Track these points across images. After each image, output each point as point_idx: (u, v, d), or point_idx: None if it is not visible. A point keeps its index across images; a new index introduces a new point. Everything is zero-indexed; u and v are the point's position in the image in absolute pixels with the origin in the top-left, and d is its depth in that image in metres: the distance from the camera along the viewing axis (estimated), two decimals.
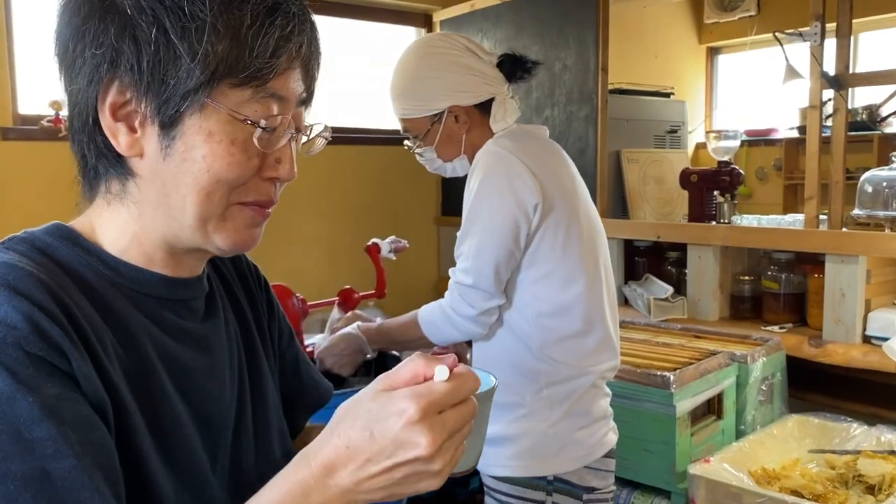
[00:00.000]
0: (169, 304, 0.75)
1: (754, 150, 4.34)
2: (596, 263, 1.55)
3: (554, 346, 1.49)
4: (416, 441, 0.60)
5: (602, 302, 1.55)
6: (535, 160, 1.50)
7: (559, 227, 1.49)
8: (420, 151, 1.62)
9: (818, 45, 2.18)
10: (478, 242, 1.47)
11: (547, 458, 1.49)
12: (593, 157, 2.85)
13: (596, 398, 1.55)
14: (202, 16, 0.65)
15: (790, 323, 2.43)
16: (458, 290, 1.50)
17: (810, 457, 2.02)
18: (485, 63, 1.57)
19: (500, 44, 3.19)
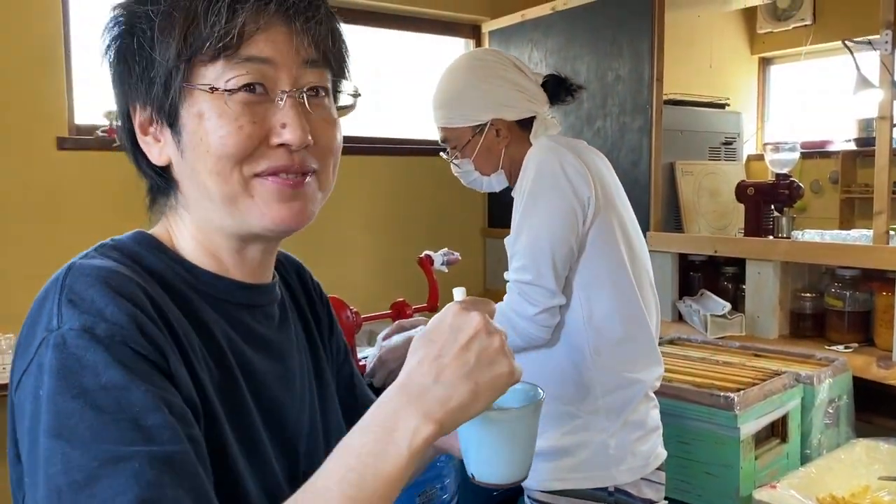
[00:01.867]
0: (247, 308, 0.77)
1: (809, 162, 4.21)
2: (640, 270, 1.53)
3: (607, 352, 1.48)
4: (469, 319, 0.64)
5: (648, 309, 1.54)
6: (585, 156, 1.51)
7: (609, 228, 1.48)
8: (458, 163, 1.62)
9: (889, 54, 2.10)
10: (535, 236, 1.45)
11: (609, 468, 1.47)
12: (647, 168, 2.79)
13: (649, 409, 1.55)
14: (158, 9, 0.68)
15: (855, 343, 2.33)
16: (518, 289, 1.47)
17: (881, 484, 1.93)
18: (530, 81, 1.58)
19: (550, 54, 3.15)
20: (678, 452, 1.90)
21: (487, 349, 0.63)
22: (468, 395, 0.62)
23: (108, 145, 2.66)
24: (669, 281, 2.73)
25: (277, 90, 0.70)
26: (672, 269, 2.74)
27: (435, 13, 3.62)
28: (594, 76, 2.96)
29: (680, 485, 1.91)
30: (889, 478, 1.94)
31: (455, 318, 0.64)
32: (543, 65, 3.18)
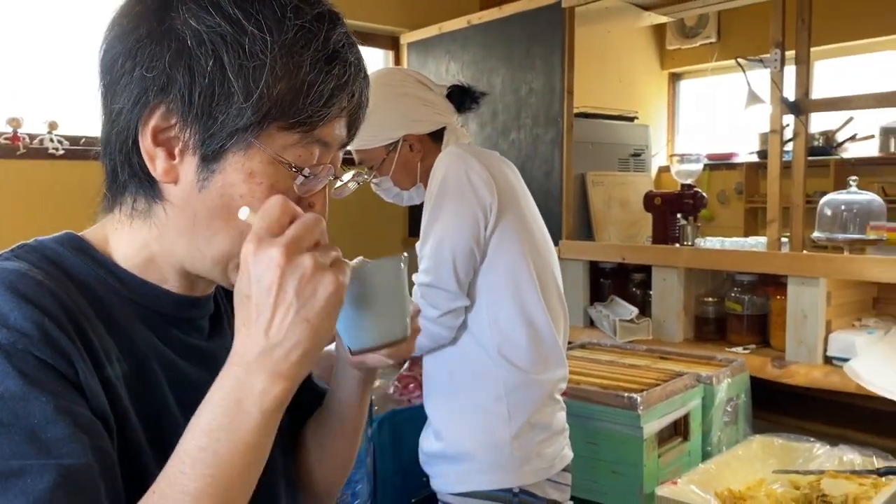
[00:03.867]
0: (175, 321, 0.75)
1: (716, 173, 4.41)
2: (546, 274, 1.59)
3: (511, 354, 1.53)
4: (266, 259, 0.59)
5: (555, 313, 1.60)
6: (490, 164, 1.56)
7: (513, 234, 1.54)
8: (377, 182, 1.66)
9: (778, 72, 2.23)
10: (438, 241, 1.50)
11: (513, 469, 1.52)
12: (559, 179, 2.87)
13: (555, 411, 1.59)
14: (262, 56, 0.64)
15: (753, 344, 2.45)
16: (421, 292, 1.52)
17: (775, 477, 2.03)
18: (435, 94, 1.64)
19: (467, 66, 3.21)
20: (586, 453, 1.96)
21: (301, 279, 0.59)
22: (307, 337, 0.60)
23: (12, 153, 2.56)
24: (581, 287, 2.82)
25: (324, 173, 0.70)
26: (583, 276, 2.82)
27: (354, 24, 3.61)
28: (509, 89, 3.03)
29: (588, 484, 1.97)
30: (782, 471, 2.05)
31: (254, 267, 0.59)
32: (461, 76, 3.23)
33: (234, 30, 0.64)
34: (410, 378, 2.20)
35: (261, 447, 0.61)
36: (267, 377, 0.60)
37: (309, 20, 0.66)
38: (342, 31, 0.69)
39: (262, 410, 0.60)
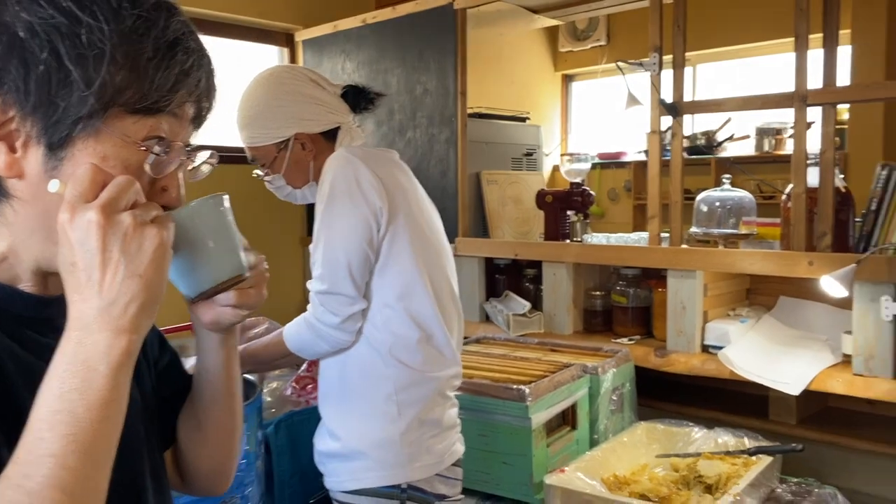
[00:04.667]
0: (30, 322, 0.73)
1: (606, 172, 4.59)
2: (440, 274, 1.62)
3: (402, 353, 1.55)
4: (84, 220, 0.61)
5: (447, 312, 1.63)
6: (379, 167, 1.57)
7: (405, 236, 1.55)
8: (269, 179, 1.65)
9: (657, 75, 2.34)
10: (330, 246, 1.50)
11: (402, 466, 1.54)
12: (454, 178, 2.91)
13: (445, 408, 1.62)
14: (101, 45, 0.65)
15: (638, 335, 2.57)
16: (319, 299, 1.52)
17: (657, 461, 2.14)
18: (329, 94, 1.64)
19: (362, 66, 3.21)
20: (478, 445, 2.00)
21: (125, 236, 0.61)
22: (140, 290, 0.62)
23: None
24: (477, 283, 2.87)
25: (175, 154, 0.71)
26: (479, 272, 2.88)
27: (249, 20, 3.57)
28: (404, 89, 3.05)
29: (481, 476, 2.01)
30: (664, 455, 2.16)
31: (73, 233, 0.61)
32: (356, 76, 3.23)
33: (68, 20, 0.64)
34: (308, 379, 2.19)
35: (116, 401, 0.62)
36: (110, 334, 0.61)
37: (146, 9, 0.67)
38: (181, 20, 0.70)
39: (111, 366, 0.61)
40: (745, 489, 1.84)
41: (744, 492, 1.83)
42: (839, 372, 2.08)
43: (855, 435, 2.20)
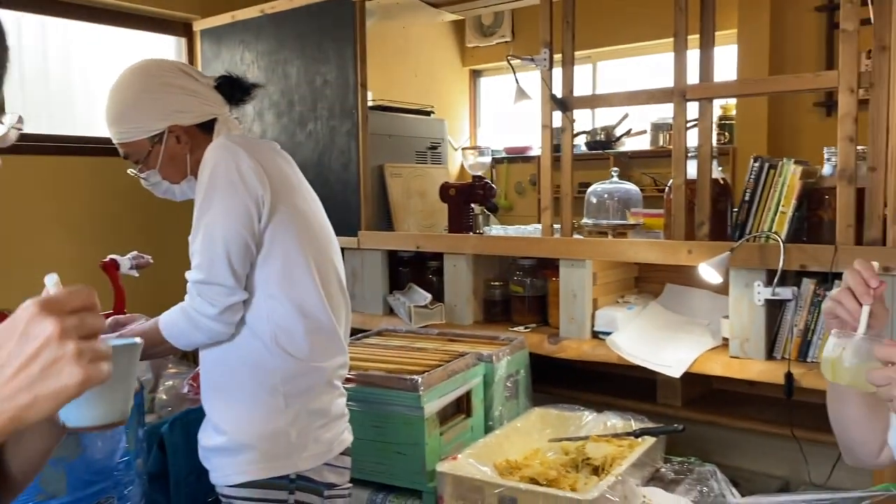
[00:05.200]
0: None
1: (513, 166, 4.68)
2: (326, 264, 1.62)
3: (288, 343, 1.54)
4: (41, 326, 0.62)
5: (334, 301, 1.63)
6: (261, 156, 1.55)
7: (288, 225, 1.55)
8: (144, 176, 1.61)
9: (547, 70, 2.40)
10: (209, 235, 1.48)
11: (290, 456, 1.53)
12: (356, 171, 2.91)
13: (333, 397, 1.63)
14: None
15: (534, 323, 2.63)
16: (196, 289, 1.50)
17: (549, 445, 2.20)
18: (202, 85, 1.61)
19: (261, 56, 3.16)
20: (372, 436, 2.01)
21: (57, 361, 0.62)
22: (24, 407, 0.63)
23: None
24: (380, 276, 2.88)
25: None
26: (382, 265, 2.89)
27: (145, 9, 3.47)
28: (304, 80, 3.02)
29: (375, 466, 2.03)
30: (556, 439, 2.23)
31: (27, 325, 0.62)
32: (255, 67, 3.18)
33: None
34: None
35: None
36: None
37: None
38: None
39: None
40: (628, 469, 1.91)
41: (627, 472, 1.90)
42: (718, 355, 2.19)
43: (735, 415, 2.32)
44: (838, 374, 0.95)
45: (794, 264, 1.99)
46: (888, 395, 0.86)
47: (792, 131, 3.70)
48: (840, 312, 1.00)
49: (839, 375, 0.95)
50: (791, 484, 2.28)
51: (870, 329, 0.98)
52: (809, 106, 3.60)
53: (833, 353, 0.96)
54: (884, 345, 0.88)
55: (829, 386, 1.14)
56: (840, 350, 0.95)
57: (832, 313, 1.01)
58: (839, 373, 0.95)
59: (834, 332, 0.98)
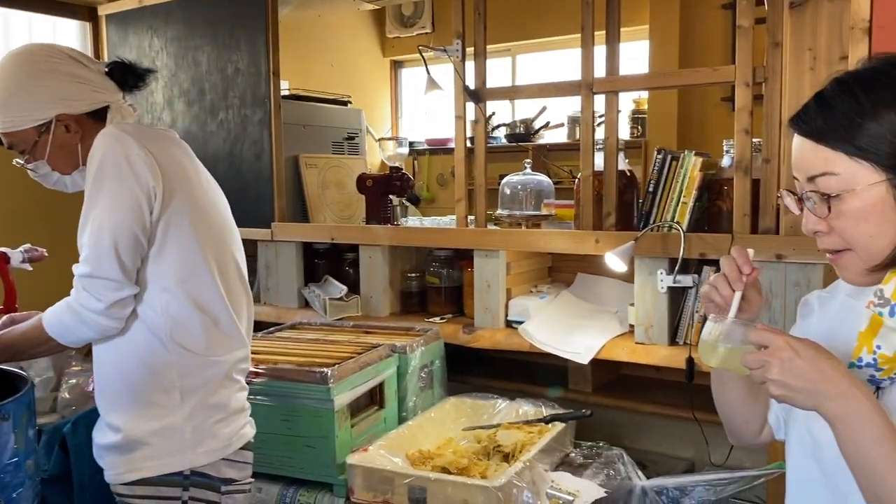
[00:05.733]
0: None
1: (435, 158, 4.68)
2: (226, 256, 1.59)
3: (184, 338, 1.50)
4: None
5: (233, 294, 1.60)
6: (154, 146, 1.50)
7: (184, 216, 1.51)
8: (32, 167, 1.54)
9: (460, 61, 2.41)
10: (97, 227, 1.43)
11: (184, 452, 1.50)
12: (269, 161, 2.85)
13: (232, 391, 1.59)
14: None
15: (450, 314, 2.65)
16: (82, 283, 1.44)
17: (463, 434, 2.22)
18: (92, 71, 1.55)
19: (170, 43, 3.06)
20: (282, 430, 1.99)
21: None
22: None
23: None
24: (295, 269, 2.84)
25: None
26: (297, 257, 2.85)
27: None
28: (215, 68, 2.94)
29: (285, 460, 2.00)
30: (469, 428, 2.25)
31: None
32: (164, 53, 3.08)
33: None
34: None
35: None
36: None
37: None
38: None
39: None
40: (536, 455, 1.95)
41: (536, 457, 1.94)
42: (624, 341, 2.25)
43: (642, 399, 2.38)
44: (713, 357, 0.99)
45: (694, 252, 2.06)
46: (761, 378, 0.89)
47: (700, 125, 3.83)
48: (715, 297, 1.03)
49: (713, 358, 0.99)
50: (696, 465, 2.37)
51: (742, 314, 1.02)
52: (717, 101, 3.73)
53: (708, 336, 0.99)
54: (757, 329, 0.92)
55: (713, 374, 1.19)
56: (715, 334, 0.99)
57: (708, 298, 1.04)
58: (713, 356, 0.98)
59: (711, 316, 1.01)
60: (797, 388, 0.87)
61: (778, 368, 0.87)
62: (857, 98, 0.90)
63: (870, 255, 0.91)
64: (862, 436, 0.84)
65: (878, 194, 0.89)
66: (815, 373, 0.86)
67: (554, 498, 1.87)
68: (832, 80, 0.94)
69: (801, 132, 0.95)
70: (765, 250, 1.95)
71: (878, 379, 0.92)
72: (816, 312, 1.11)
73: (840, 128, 0.90)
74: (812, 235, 0.97)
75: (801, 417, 1.02)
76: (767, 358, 0.88)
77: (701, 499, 2.05)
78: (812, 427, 0.97)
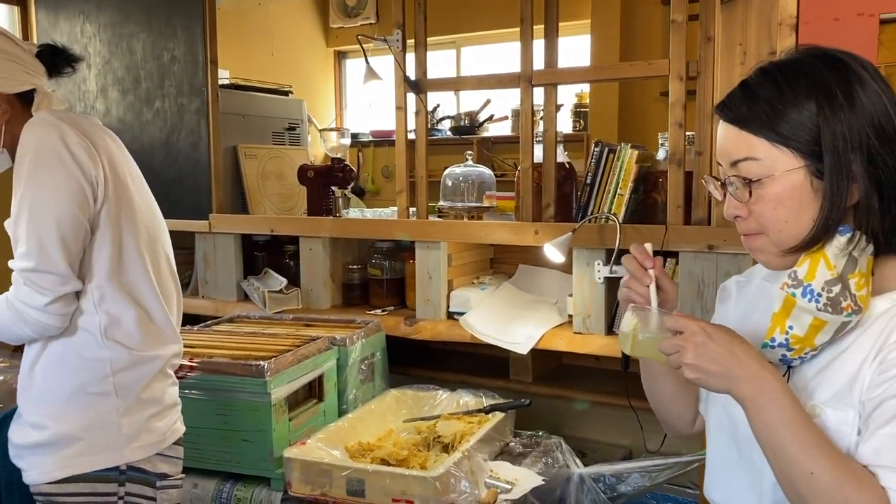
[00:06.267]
0: None
1: (381, 150, 4.65)
2: (157, 250, 1.56)
3: (118, 333, 1.47)
4: None
5: (165, 288, 1.57)
6: (90, 133, 1.46)
7: (118, 208, 1.47)
8: None
9: (400, 51, 2.40)
10: (38, 218, 1.38)
11: (120, 447, 1.47)
12: (206, 151, 2.80)
13: (167, 386, 1.57)
14: None
15: (392, 306, 2.64)
16: (23, 278, 1.39)
17: (404, 426, 2.22)
18: (24, 51, 1.50)
19: (104, 29, 2.97)
20: (217, 425, 1.95)
21: None
22: None
23: None
24: (234, 261, 2.79)
25: None
26: (236, 249, 2.80)
27: None
28: (150, 55, 2.87)
29: (221, 455, 1.97)
30: (410, 419, 2.25)
31: None
32: (97, 40, 2.98)
33: None
34: None
35: None
36: None
37: None
38: None
39: None
40: (475, 445, 1.96)
41: (474, 447, 1.95)
42: (563, 331, 2.28)
43: (581, 388, 2.42)
44: (634, 347, 1.00)
45: (630, 243, 2.07)
46: (677, 363, 0.91)
47: (641, 119, 3.89)
48: (633, 297, 1.05)
49: (634, 348, 1.01)
50: (634, 452, 2.42)
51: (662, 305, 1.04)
52: (656, 95, 3.80)
53: (628, 327, 1.01)
54: (673, 316, 0.94)
55: (642, 366, 1.21)
56: (633, 323, 1.00)
57: (627, 300, 1.06)
58: (634, 346, 1.00)
59: (631, 306, 1.03)
60: (711, 372, 0.89)
61: (692, 353, 0.89)
62: (779, 86, 0.92)
63: (781, 240, 0.94)
64: (770, 416, 0.87)
65: (797, 180, 0.92)
66: (728, 356, 0.88)
67: (492, 487, 1.89)
68: (757, 69, 0.97)
69: (726, 118, 0.97)
70: (697, 241, 2.00)
71: (789, 359, 0.95)
72: (734, 297, 1.14)
73: (763, 115, 0.92)
74: (732, 220, 1.00)
75: (720, 399, 1.05)
76: (682, 343, 0.91)
77: (636, 485, 2.09)
78: (729, 408, 1.00)
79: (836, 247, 0.91)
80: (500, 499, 1.85)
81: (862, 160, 0.89)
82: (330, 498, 1.84)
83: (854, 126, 0.89)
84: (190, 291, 2.90)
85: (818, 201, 0.91)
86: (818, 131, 0.90)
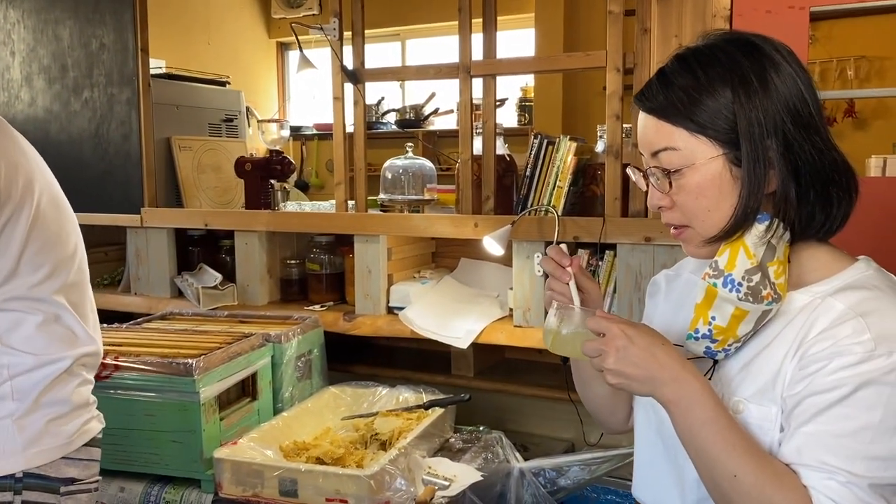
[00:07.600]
0: None
1: (324, 143, 4.58)
2: (66, 247, 1.47)
3: (16, 338, 1.38)
4: None
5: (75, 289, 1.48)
6: None
7: (22, 207, 1.37)
8: None
9: (336, 40, 2.34)
10: None
11: (15, 454, 1.37)
12: (138, 142, 2.70)
13: (74, 386, 1.47)
14: None
15: (332, 301, 2.58)
16: None
17: (342, 424, 2.17)
18: None
19: (29, 15, 2.84)
20: (145, 425, 1.88)
21: None
22: None
23: None
24: (167, 256, 2.70)
25: None
26: (169, 244, 2.71)
27: None
28: (78, 43, 2.75)
29: (149, 457, 1.90)
30: (348, 417, 2.20)
31: None
32: (21, 26, 2.85)
33: None
34: None
35: None
36: None
37: None
38: None
39: None
40: (413, 441, 1.92)
41: (412, 444, 1.91)
42: (504, 325, 2.26)
43: (523, 382, 2.40)
44: (556, 344, 0.98)
45: (569, 236, 2.09)
46: (599, 366, 0.89)
47: (584, 113, 3.90)
48: (556, 298, 1.03)
49: (557, 346, 0.99)
50: (576, 445, 2.41)
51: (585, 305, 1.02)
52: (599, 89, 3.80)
53: (551, 324, 0.99)
54: (595, 316, 0.92)
55: (573, 368, 1.19)
56: (556, 322, 0.98)
57: (551, 300, 1.04)
58: (557, 343, 0.98)
59: (555, 304, 1.01)
60: (632, 377, 0.87)
61: (613, 357, 0.87)
62: (694, 74, 0.91)
63: (706, 229, 0.93)
64: (693, 418, 0.86)
65: (716, 169, 0.90)
66: (649, 359, 0.87)
67: (430, 484, 1.85)
68: (673, 56, 0.95)
69: (644, 109, 0.96)
70: (634, 233, 1.99)
71: (714, 351, 0.94)
72: (663, 291, 1.13)
73: (680, 104, 0.91)
74: (657, 211, 0.98)
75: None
76: (604, 347, 0.89)
77: (576, 478, 2.08)
78: (656, 405, 0.99)
79: (755, 235, 0.90)
80: (437, 496, 1.82)
81: (778, 146, 0.88)
82: (262, 499, 1.78)
83: (769, 111, 0.88)
84: (122, 288, 2.80)
85: (738, 189, 0.90)
86: (735, 118, 0.88)
